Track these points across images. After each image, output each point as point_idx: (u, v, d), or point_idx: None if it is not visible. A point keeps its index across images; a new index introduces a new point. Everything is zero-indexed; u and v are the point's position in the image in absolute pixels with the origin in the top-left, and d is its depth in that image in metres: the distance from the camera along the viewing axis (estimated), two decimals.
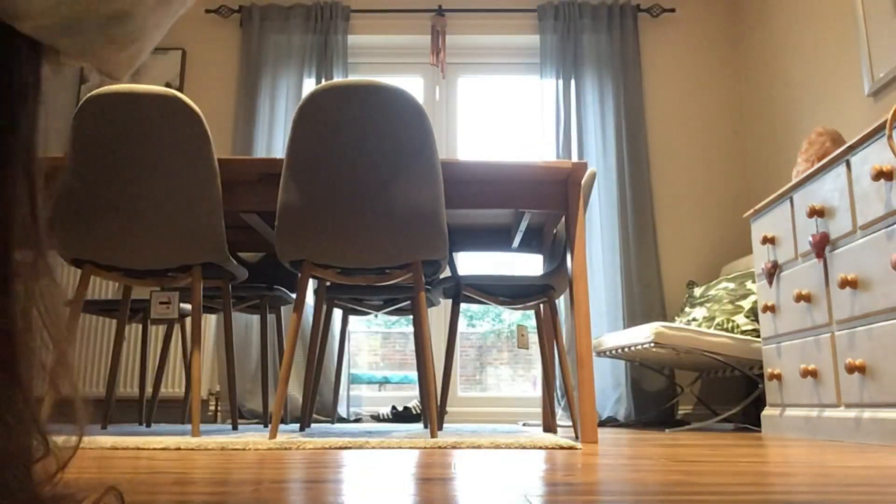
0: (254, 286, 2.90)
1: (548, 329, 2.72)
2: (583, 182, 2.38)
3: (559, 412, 3.62)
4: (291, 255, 2.18)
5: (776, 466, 1.27)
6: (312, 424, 3.35)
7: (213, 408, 3.73)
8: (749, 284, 3.21)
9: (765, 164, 3.80)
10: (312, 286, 3.34)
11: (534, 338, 3.07)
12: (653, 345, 2.83)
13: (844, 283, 2.11)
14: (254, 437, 2.01)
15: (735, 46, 4.17)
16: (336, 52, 4.03)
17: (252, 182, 2.31)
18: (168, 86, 3.98)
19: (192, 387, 2.14)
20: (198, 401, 2.16)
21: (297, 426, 3.08)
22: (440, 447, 1.76)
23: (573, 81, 4.03)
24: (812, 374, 2.34)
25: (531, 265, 4.50)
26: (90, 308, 2.96)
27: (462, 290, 2.64)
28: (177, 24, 4.12)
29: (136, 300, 2.89)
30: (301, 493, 0.88)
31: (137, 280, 2.34)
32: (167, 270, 2.32)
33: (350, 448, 1.75)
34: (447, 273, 2.75)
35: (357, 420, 3.82)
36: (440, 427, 2.71)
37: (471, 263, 4.12)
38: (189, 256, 2.21)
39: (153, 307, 2.26)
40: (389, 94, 2.06)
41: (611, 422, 3.63)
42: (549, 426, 2.72)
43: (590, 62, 4.09)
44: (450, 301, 2.67)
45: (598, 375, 3.72)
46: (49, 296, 0.53)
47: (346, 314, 3.18)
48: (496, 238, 2.92)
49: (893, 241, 1.91)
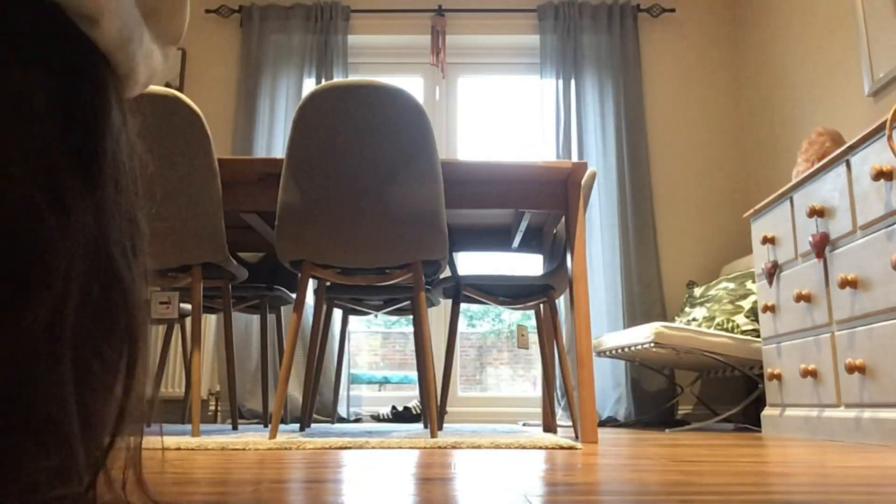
0: (254, 286, 2.90)
1: (548, 329, 2.72)
2: (583, 182, 2.38)
3: (559, 412, 3.62)
4: (291, 255, 2.18)
5: (776, 466, 1.27)
6: (312, 424, 3.34)
7: (213, 408, 3.73)
8: (749, 284, 3.21)
9: (765, 164, 3.80)
10: (312, 286, 3.34)
11: (534, 338, 3.07)
12: (653, 345, 2.83)
13: (844, 283, 2.11)
14: (254, 437, 2.01)
15: (735, 46, 4.17)
16: (336, 52, 4.03)
17: (252, 182, 2.31)
18: (168, 86, 3.98)
19: (192, 387, 2.15)
20: (198, 401, 2.16)
21: (297, 426, 3.08)
22: (440, 447, 1.76)
23: (573, 81, 4.03)
24: (812, 374, 2.34)
25: (531, 265, 4.50)
26: None
27: (462, 290, 2.64)
28: None
29: None
30: (301, 493, 0.88)
31: None
32: (167, 270, 2.32)
33: (350, 448, 1.75)
34: (447, 273, 2.75)
35: (357, 420, 3.82)
36: (440, 427, 2.71)
37: (471, 263, 4.12)
38: (189, 256, 2.21)
39: (153, 307, 2.26)
40: (389, 94, 2.06)
41: (611, 422, 3.63)
42: (549, 426, 2.72)
43: (590, 62, 4.09)
44: (450, 301, 2.67)
45: (598, 375, 3.72)
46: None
47: (346, 314, 3.18)
48: (496, 238, 2.91)
49: (893, 241, 1.91)
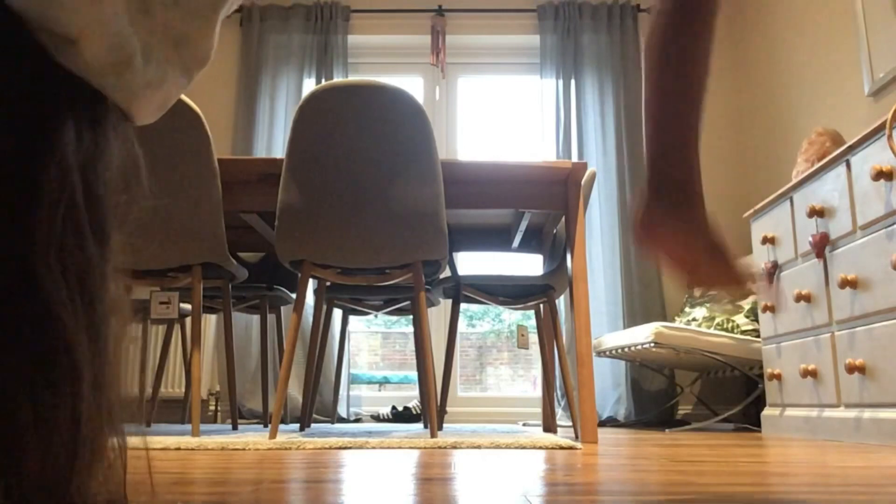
0: (254, 286, 2.90)
1: (548, 329, 2.72)
2: (583, 182, 2.38)
3: (559, 412, 3.62)
4: (291, 256, 2.18)
5: (776, 466, 1.27)
6: (312, 424, 3.34)
7: (213, 408, 3.73)
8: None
9: (765, 165, 3.80)
10: (312, 286, 3.34)
11: (534, 338, 3.07)
12: (653, 345, 2.83)
13: (844, 283, 2.11)
14: (254, 437, 2.01)
15: (735, 46, 4.17)
16: (336, 52, 4.03)
17: (252, 182, 2.31)
18: None
19: (192, 387, 2.15)
20: (198, 401, 2.16)
21: (297, 426, 3.08)
22: (440, 447, 1.76)
23: (573, 81, 4.02)
24: (812, 374, 2.34)
25: (531, 265, 4.50)
26: None
27: (462, 290, 2.64)
28: None
29: (136, 300, 2.89)
30: (301, 493, 0.88)
31: (137, 280, 2.33)
32: (167, 270, 2.32)
33: (350, 448, 1.75)
34: (447, 273, 2.75)
35: (357, 420, 3.82)
36: (440, 427, 2.71)
37: (471, 263, 4.12)
38: (189, 256, 2.21)
39: (153, 307, 2.26)
40: (389, 94, 2.06)
41: (611, 422, 3.63)
42: (549, 426, 2.72)
43: (590, 62, 4.08)
44: (450, 301, 2.67)
45: (598, 375, 3.72)
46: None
47: (346, 314, 3.18)
48: (496, 238, 2.91)
49: (893, 241, 1.91)
